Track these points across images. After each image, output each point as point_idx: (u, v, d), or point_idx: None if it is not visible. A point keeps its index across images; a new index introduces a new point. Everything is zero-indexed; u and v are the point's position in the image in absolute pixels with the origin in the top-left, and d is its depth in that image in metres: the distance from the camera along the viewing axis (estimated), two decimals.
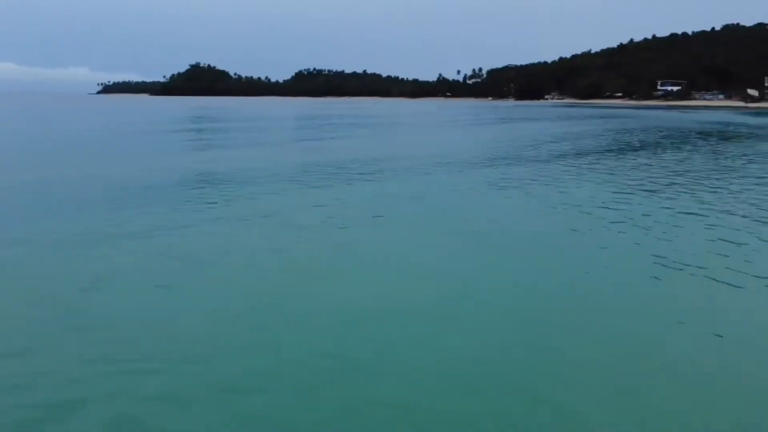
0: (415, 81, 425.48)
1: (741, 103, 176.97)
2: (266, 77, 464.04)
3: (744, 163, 30.03)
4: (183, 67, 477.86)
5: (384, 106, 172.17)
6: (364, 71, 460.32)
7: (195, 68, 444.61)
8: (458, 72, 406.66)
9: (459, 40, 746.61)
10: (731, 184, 21.97)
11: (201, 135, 50.63)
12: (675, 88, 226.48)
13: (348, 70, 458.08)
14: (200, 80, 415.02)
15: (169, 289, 9.64)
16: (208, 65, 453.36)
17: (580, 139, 45.16)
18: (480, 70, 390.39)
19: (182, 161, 28.76)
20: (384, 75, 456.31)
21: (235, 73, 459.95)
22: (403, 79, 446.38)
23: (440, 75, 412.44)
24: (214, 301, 9.08)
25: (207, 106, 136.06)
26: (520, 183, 21.98)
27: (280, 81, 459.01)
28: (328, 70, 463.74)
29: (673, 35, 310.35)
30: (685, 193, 20.28)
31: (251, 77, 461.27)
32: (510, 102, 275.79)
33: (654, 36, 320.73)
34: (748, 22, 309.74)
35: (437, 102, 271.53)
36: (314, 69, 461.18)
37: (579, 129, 60.23)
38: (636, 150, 35.80)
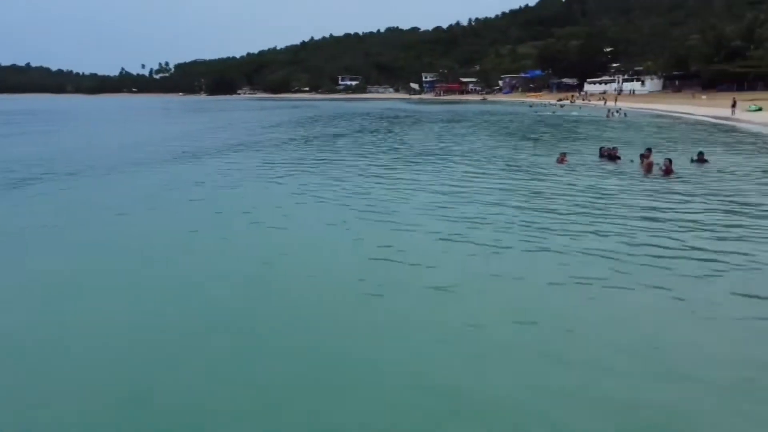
0: (94, 75, 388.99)
1: (406, 95, 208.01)
2: None
3: (394, 135, 39.84)
4: None
5: (50, 103, 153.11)
6: (28, 64, 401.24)
7: None
8: (143, 66, 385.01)
9: (141, 34, 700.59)
10: (378, 158, 27.01)
11: None
12: (354, 83, 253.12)
13: (5, 63, 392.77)
14: None
15: None
16: None
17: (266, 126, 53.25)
18: (167, 64, 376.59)
19: None
20: (54, 69, 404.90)
21: None
22: (79, 73, 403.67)
23: (123, 69, 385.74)
24: None
25: None
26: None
27: None
28: None
29: (347, 35, 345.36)
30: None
31: None
32: (203, 97, 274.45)
33: (331, 35, 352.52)
34: (404, 25, 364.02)
35: (120, 98, 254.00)
36: None
37: (270, 117, 67.04)
38: (338, 136, 41.89)
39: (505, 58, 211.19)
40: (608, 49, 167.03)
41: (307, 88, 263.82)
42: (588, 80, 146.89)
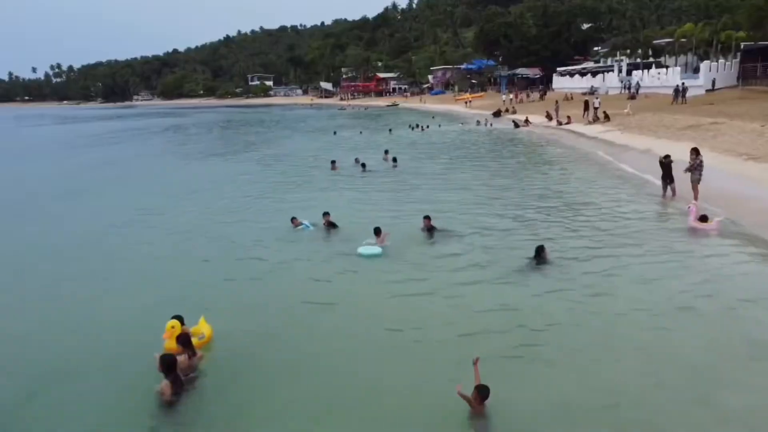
0: None
1: (316, 99, 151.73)
2: None
3: None
4: None
5: None
6: None
7: None
8: (34, 70, 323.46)
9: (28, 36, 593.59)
10: None
11: None
12: (268, 83, 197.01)
13: None
14: None
15: None
16: None
17: None
18: (60, 66, 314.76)
19: None
20: None
21: None
22: None
23: (11, 73, 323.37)
24: None
25: None
26: None
27: None
28: None
29: (283, 28, 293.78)
30: None
31: None
32: (94, 105, 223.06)
33: (262, 28, 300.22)
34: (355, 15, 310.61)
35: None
36: None
37: None
38: None
39: (447, 46, 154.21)
40: (587, 26, 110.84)
41: (202, 91, 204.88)
42: (559, 69, 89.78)
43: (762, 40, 51.81)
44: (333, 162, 25.50)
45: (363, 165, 24.87)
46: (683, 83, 47.30)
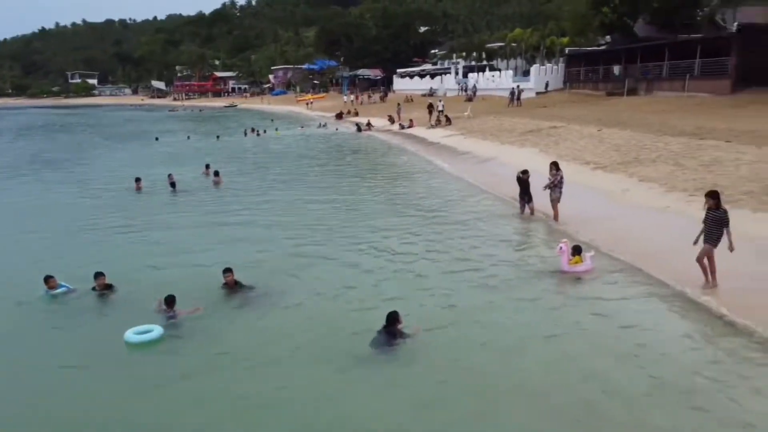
0: None
1: (149, 98, 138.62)
2: None
3: None
4: None
5: None
6: None
7: None
8: None
9: None
10: None
11: None
12: (91, 81, 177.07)
13: None
14: None
15: None
16: None
17: None
18: None
19: None
20: None
21: None
22: None
23: None
24: None
25: None
26: None
27: None
28: None
29: (109, 21, 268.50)
30: None
31: None
32: None
33: (85, 21, 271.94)
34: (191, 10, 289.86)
35: None
36: None
37: None
38: None
39: (288, 45, 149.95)
40: (424, 28, 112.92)
41: (10, 91, 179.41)
42: (399, 71, 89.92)
43: (585, 46, 54.81)
44: (137, 180, 20.68)
45: (173, 184, 20.36)
46: (518, 86, 48.18)
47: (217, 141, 39.49)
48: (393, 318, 7.91)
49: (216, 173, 21.90)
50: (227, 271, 9.98)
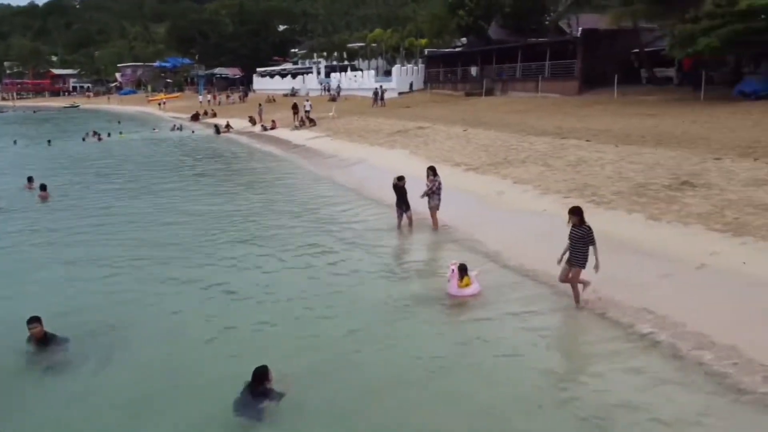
0: None
1: None
2: None
3: None
4: None
5: None
6: None
7: None
8: None
9: None
10: None
11: None
12: None
13: None
14: None
15: None
16: None
17: None
18: None
19: None
20: None
21: None
22: None
23: None
24: None
25: None
26: None
27: None
28: None
29: None
30: None
31: None
32: None
33: None
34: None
35: None
36: None
37: None
38: None
39: (137, 41, 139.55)
40: (283, 27, 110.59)
41: None
42: (259, 70, 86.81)
43: (442, 47, 56.01)
44: None
45: None
46: (381, 86, 47.90)
47: (49, 146, 34.63)
48: (261, 375, 6.28)
49: (42, 187, 18.54)
50: (33, 320, 7.66)
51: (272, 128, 37.79)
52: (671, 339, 7.33)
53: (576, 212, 8.53)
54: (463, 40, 56.83)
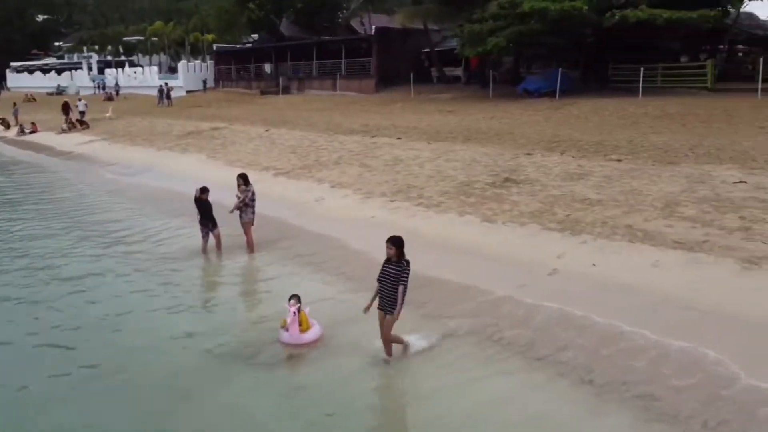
0: None
1: None
2: None
3: None
4: None
5: None
6: None
7: None
8: None
9: None
10: None
11: None
12: None
13: None
14: None
15: None
16: None
17: None
18: None
19: None
20: None
21: None
22: None
23: None
24: None
25: None
26: None
27: None
28: None
29: None
30: None
31: None
32: None
33: None
34: None
35: None
36: None
37: None
38: None
39: None
40: (43, 17, 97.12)
41: None
42: (14, 64, 74.35)
43: (232, 43, 52.78)
44: None
45: None
46: (167, 83, 43.43)
47: None
48: None
49: None
50: None
51: (32, 132, 31.66)
52: (586, 362, 6.37)
53: (397, 243, 6.33)
54: (255, 36, 54.26)
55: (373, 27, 39.84)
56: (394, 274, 6.32)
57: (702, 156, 13.21)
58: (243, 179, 10.24)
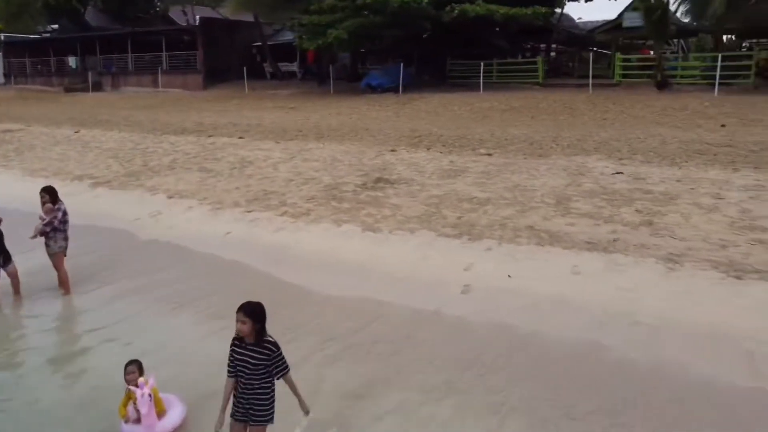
0: None
1: None
2: None
3: None
4: None
5: None
6: None
7: None
8: None
9: None
10: None
11: None
12: None
13: None
14: None
15: None
16: None
17: None
18: None
19: None
20: None
21: None
22: None
23: None
24: None
25: None
26: None
27: None
28: None
29: None
30: None
31: None
32: None
33: None
34: None
35: None
36: None
37: None
38: None
39: None
40: None
41: None
42: None
43: (25, 32, 45.35)
44: None
45: None
46: None
47: None
48: None
49: None
50: None
51: None
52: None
53: (254, 313, 3.86)
54: (55, 26, 47.16)
55: (197, 17, 36.41)
56: (259, 362, 3.88)
57: (567, 148, 13.02)
58: (50, 194, 7.48)
